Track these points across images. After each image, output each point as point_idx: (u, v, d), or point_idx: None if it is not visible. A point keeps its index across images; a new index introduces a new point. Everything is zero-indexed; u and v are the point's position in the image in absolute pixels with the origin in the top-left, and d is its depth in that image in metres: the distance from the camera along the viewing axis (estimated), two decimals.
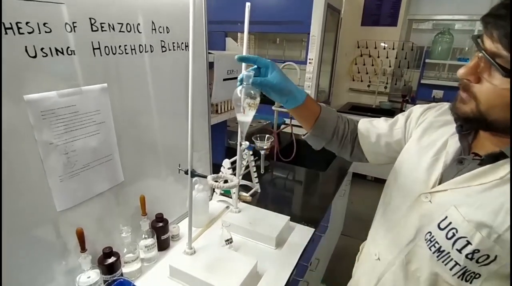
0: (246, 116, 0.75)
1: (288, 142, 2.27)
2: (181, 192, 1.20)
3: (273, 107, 2.04)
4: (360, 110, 3.54)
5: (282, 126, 2.16)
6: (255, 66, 0.73)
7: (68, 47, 0.72)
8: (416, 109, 0.79)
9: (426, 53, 3.38)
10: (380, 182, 3.56)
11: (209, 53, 1.23)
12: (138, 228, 0.95)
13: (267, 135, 1.24)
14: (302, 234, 1.17)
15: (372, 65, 3.76)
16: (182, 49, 1.08)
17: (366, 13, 3.67)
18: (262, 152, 1.34)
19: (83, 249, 0.77)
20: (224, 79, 1.38)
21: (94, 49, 0.78)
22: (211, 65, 1.27)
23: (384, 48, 3.65)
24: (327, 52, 3.54)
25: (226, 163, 1.28)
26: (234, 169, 1.26)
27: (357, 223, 2.84)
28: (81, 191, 0.80)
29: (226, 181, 0.81)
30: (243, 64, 0.91)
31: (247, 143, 0.86)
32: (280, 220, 1.17)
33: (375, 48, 3.70)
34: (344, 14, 3.67)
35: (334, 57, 3.85)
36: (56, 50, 0.70)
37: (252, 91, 0.70)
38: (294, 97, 0.75)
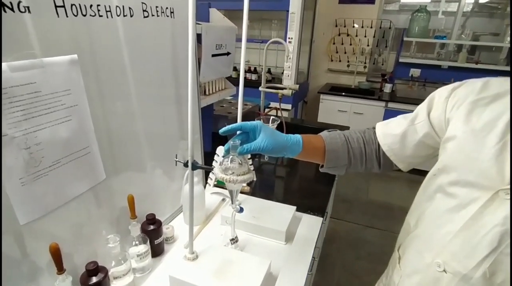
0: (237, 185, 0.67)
1: (275, 126, 2.15)
2: (171, 185, 1.04)
3: (260, 88, 1.89)
4: (339, 91, 3.48)
5: (266, 110, 2.02)
6: (240, 132, 0.69)
7: (19, 2, 0.52)
8: (440, 92, 0.66)
9: (404, 31, 3.35)
10: None
11: (197, 23, 1.05)
12: (127, 233, 0.78)
13: (272, 117, 1.10)
14: (310, 224, 1.06)
15: (350, 44, 3.69)
16: (167, 16, 0.89)
17: None
18: None
19: (60, 269, 0.60)
20: (213, 55, 1.20)
21: (56, 6, 0.59)
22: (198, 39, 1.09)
23: (362, 27, 3.58)
24: (305, 31, 3.40)
25: (220, 150, 1.12)
26: None
27: (343, 204, 2.83)
28: (52, 195, 0.62)
29: None
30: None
31: (238, 207, 0.79)
32: (287, 211, 1.05)
33: (353, 27, 3.62)
34: None
35: (312, 37, 3.73)
36: (3, 5, 0.50)
37: (239, 160, 0.66)
38: (290, 150, 0.70)
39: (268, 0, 3.12)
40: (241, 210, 0.75)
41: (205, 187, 1.23)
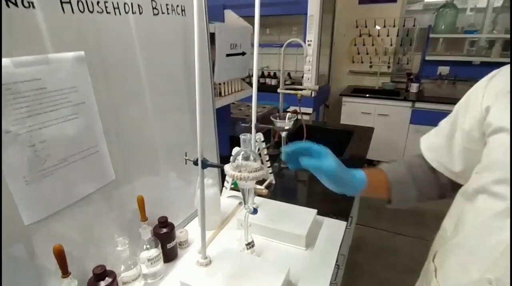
0: (249, 182, 0.61)
1: (295, 128, 2.09)
2: (185, 189, 1.01)
3: (278, 90, 1.84)
4: (362, 92, 3.36)
5: (289, 114, 1.97)
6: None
7: None
8: (477, 85, 0.58)
9: (429, 28, 3.20)
10: None
11: (210, 23, 1.03)
12: (138, 237, 0.75)
13: (288, 114, 1.05)
14: (332, 229, 0.99)
15: (373, 45, 3.58)
16: (178, 14, 0.87)
17: None
18: (284, 134, 1.15)
19: (65, 273, 0.58)
20: (228, 55, 1.17)
21: (62, 2, 0.57)
22: (211, 39, 1.07)
23: (384, 26, 3.46)
24: (325, 34, 3.34)
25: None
26: None
27: (369, 210, 2.69)
28: (58, 195, 0.60)
29: None
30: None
31: (251, 208, 0.72)
32: (307, 214, 0.99)
33: (375, 26, 3.51)
34: None
35: (332, 40, 3.66)
36: (7, 0, 0.49)
37: (252, 157, 0.61)
38: (352, 187, 0.64)
39: (286, 4, 3.09)
40: (255, 211, 0.70)
41: (221, 191, 1.19)
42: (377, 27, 3.48)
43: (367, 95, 3.27)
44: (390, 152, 3.30)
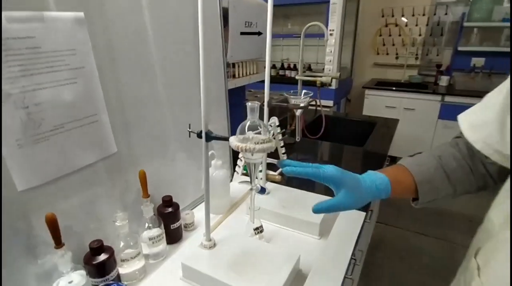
0: (256, 156, 0.57)
1: (313, 118, 2.01)
2: (195, 171, 0.97)
3: (297, 77, 1.77)
4: (387, 85, 3.20)
5: (305, 91, 1.89)
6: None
7: None
8: None
9: (463, 16, 2.99)
10: None
11: None
12: (140, 215, 0.72)
13: (304, 91, 0.98)
14: (350, 219, 0.91)
15: (399, 35, 3.40)
16: None
17: None
18: (298, 113, 1.08)
19: (58, 243, 0.54)
20: (242, 33, 1.12)
21: None
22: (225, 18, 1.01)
23: (413, 15, 3.28)
24: (348, 24, 3.21)
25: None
26: None
27: (390, 208, 2.56)
28: (54, 163, 0.57)
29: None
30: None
31: (259, 186, 0.67)
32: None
33: (402, 16, 3.33)
34: None
35: (356, 30, 3.51)
36: None
37: (259, 127, 0.56)
38: (376, 199, 0.59)
39: None
40: (262, 190, 0.64)
41: (232, 175, 1.14)
42: (403, 19, 3.29)
43: (393, 88, 3.11)
44: (416, 148, 3.11)
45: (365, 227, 1.26)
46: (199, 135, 0.62)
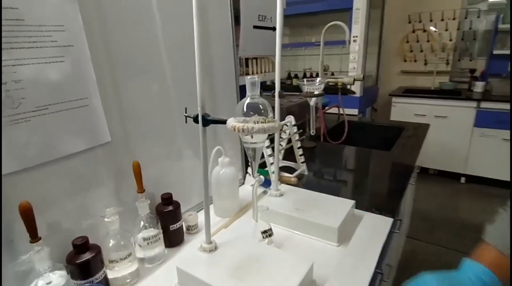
0: (257, 139, 0.50)
1: (334, 124, 1.90)
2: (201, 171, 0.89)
3: (317, 79, 1.69)
4: (416, 93, 3.02)
5: (328, 107, 1.78)
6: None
7: None
8: None
9: (497, 18, 2.80)
10: (445, 176, 3.01)
11: None
12: (134, 213, 0.65)
13: (318, 79, 0.89)
14: (374, 226, 0.79)
15: (428, 41, 3.24)
16: None
17: None
18: (312, 101, 0.99)
19: (34, 237, 0.48)
20: (255, 27, 1.06)
21: None
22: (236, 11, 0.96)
23: (442, 20, 3.12)
24: (373, 31, 3.10)
25: None
26: (272, 149, 0.93)
27: (423, 223, 2.35)
28: (36, 147, 0.52)
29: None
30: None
31: (262, 177, 0.60)
32: (341, 204, 0.81)
33: (431, 20, 3.18)
34: None
35: (381, 37, 3.39)
36: None
37: (260, 106, 0.49)
38: None
39: (331, 0, 2.94)
40: (267, 183, 0.55)
41: (244, 178, 1.06)
42: (432, 28, 3.13)
43: (424, 95, 2.93)
44: (450, 159, 2.90)
45: (394, 238, 1.12)
46: (195, 119, 0.55)
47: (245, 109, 0.47)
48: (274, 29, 1.16)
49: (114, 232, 0.59)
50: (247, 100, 0.47)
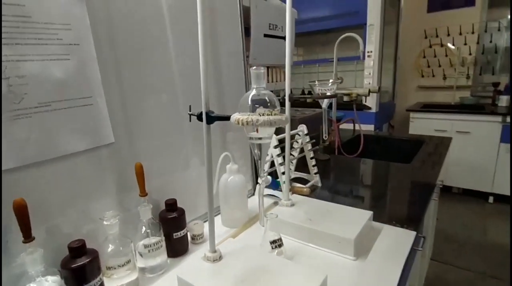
0: (263, 133, 0.46)
1: (348, 138, 1.84)
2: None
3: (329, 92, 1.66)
4: (436, 108, 2.92)
5: (343, 121, 1.74)
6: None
7: None
8: None
9: None
10: (469, 195, 2.84)
11: None
12: (137, 219, 0.62)
13: (331, 80, 0.85)
14: (396, 239, 0.73)
15: (446, 55, 3.17)
16: None
17: None
18: (325, 104, 0.95)
19: (27, 237, 0.46)
20: (266, 36, 1.05)
21: None
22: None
23: (460, 34, 3.06)
24: (388, 47, 3.08)
25: (272, 140, 0.91)
26: (283, 158, 0.90)
27: (449, 245, 2.20)
28: (36, 144, 0.50)
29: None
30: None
31: (269, 177, 0.52)
32: (357, 215, 0.75)
33: (448, 35, 3.12)
34: (405, 2, 3.21)
35: (396, 53, 3.35)
36: None
37: (266, 98, 0.45)
38: None
39: (344, 16, 2.95)
40: (275, 184, 0.51)
41: (254, 189, 1.02)
42: (450, 46, 3.07)
43: (441, 110, 2.83)
44: (475, 177, 2.74)
45: (417, 257, 1.03)
46: (199, 117, 0.52)
47: (249, 103, 0.44)
48: (285, 38, 1.15)
49: (113, 236, 0.56)
50: (252, 92, 0.44)
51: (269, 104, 0.44)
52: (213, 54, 0.84)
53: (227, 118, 0.48)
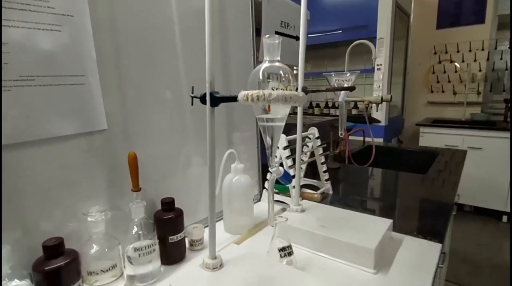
0: (275, 114, 0.39)
1: (358, 149, 1.77)
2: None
3: (340, 98, 1.60)
4: (447, 123, 2.85)
5: (353, 131, 1.67)
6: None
7: None
8: None
9: None
10: (481, 213, 2.72)
11: None
12: (126, 219, 0.54)
13: (349, 73, 0.78)
14: (419, 251, 0.64)
15: (456, 71, 3.12)
16: None
17: (441, 14, 3.15)
18: (341, 97, 0.88)
19: None
20: (277, 33, 1.00)
21: None
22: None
23: (470, 50, 3.02)
24: (397, 62, 3.05)
25: (282, 140, 0.84)
26: (293, 160, 0.82)
27: (464, 265, 2.07)
28: (14, 122, 0.44)
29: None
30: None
31: (281, 168, 0.46)
32: (376, 223, 0.67)
33: (458, 51, 3.08)
34: (414, 18, 3.20)
35: (405, 68, 3.32)
36: None
37: (281, 71, 0.38)
38: None
39: (354, 29, 2.93)
40: (287, 177, 0.43)
41: (261, 194, 0.94)
42: (457, 65, 3.02)
43: (451, 125, 2.75)
44: (488, 195, 2.62)
45: (436, 274, 0.94)
46: (202, 99, 0.46)
47: (260, 77, 0.37)
48: (297, 38, 1.10)
49: (98, 236, 0.48)
50: (265, 65, 0.38)
51: (283, 78, 0.37)
52: (221, 49, 0.79)
53: (234, 98, 0.41)
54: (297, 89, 0.49)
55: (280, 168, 0.43)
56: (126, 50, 0.57)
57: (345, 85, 0.79)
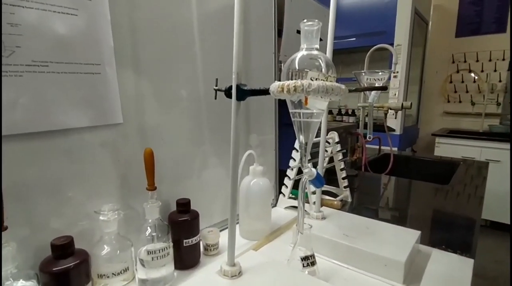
0: (313, 107, 0.35)
1: (373, 157, 1.71)
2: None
3: (358, 104, 1.55)
4: (463, 134, 2.76)
5: (368, 138, 1.62)
6: None
7: None
8: None
9: None
10: (498, 228, 2.61)
11: None
12: (140, 219, 0.51)
13: (380, 72, 0.74)
14: (450, 266, 0.59)
15: (474, 81, 3.04)
16: None
17: (461, 22, 3.08)
18: (371, 98, 0.84)
19: None
20: (299, 32, 0.96)
21: None
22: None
23: (490, 60, 2.93)
24: (414, 70, 2.98)
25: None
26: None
27: (481, 281, 1.97)
28: (25, 110, 0.41)
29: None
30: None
31: (314, 170, 0.41)
32: (403, 234, 0.62)
33: (477, 61, 3.00)
34: (433, 26, 3.14)
35: (422, 77, 3.25)
36: None
37: (320, 60, 0.35)
38: None
39: (371, 35, 2.88)
40: (319, 180, 0.39)
41: (277, 199, 0.89)
42: (472, 75, 2.94)
43: (468, 136, 2.67)
44: (505, 209, 2.52)
45: None
46: (227, 91, 0.42)
47: (297, 66, 0.33)
48: (320, 39, 1.06)
49: (110, 236, 0.45)
50: (302, 53, 0.34)
51: (323, 69, 0.33)
52: (243, 48, 0.75)
53: (265, 91, 0.38)
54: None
55: (313, 169, 0.39)
56: (145, 45, 0.54)
57: (376, 85, 0.75)
